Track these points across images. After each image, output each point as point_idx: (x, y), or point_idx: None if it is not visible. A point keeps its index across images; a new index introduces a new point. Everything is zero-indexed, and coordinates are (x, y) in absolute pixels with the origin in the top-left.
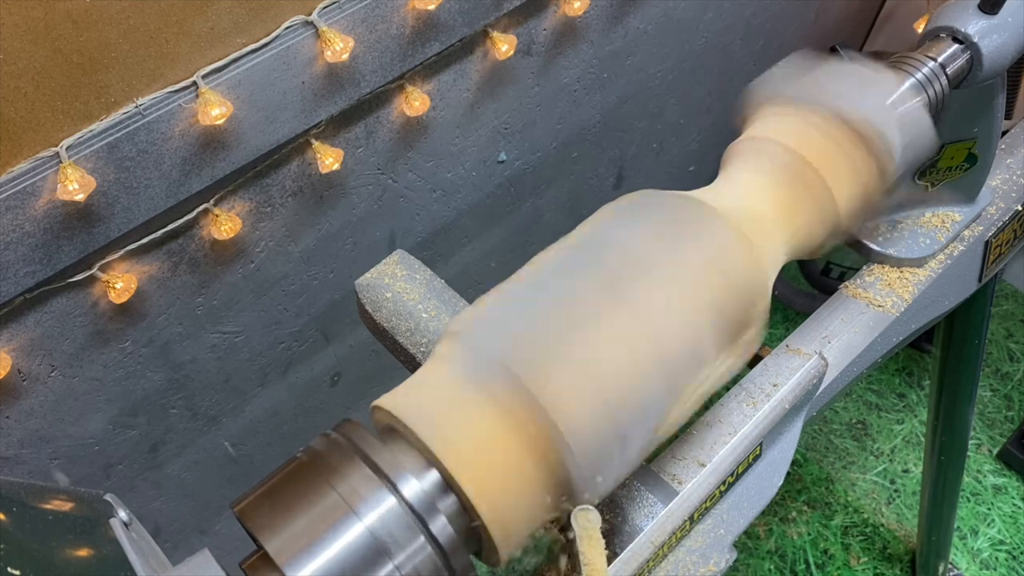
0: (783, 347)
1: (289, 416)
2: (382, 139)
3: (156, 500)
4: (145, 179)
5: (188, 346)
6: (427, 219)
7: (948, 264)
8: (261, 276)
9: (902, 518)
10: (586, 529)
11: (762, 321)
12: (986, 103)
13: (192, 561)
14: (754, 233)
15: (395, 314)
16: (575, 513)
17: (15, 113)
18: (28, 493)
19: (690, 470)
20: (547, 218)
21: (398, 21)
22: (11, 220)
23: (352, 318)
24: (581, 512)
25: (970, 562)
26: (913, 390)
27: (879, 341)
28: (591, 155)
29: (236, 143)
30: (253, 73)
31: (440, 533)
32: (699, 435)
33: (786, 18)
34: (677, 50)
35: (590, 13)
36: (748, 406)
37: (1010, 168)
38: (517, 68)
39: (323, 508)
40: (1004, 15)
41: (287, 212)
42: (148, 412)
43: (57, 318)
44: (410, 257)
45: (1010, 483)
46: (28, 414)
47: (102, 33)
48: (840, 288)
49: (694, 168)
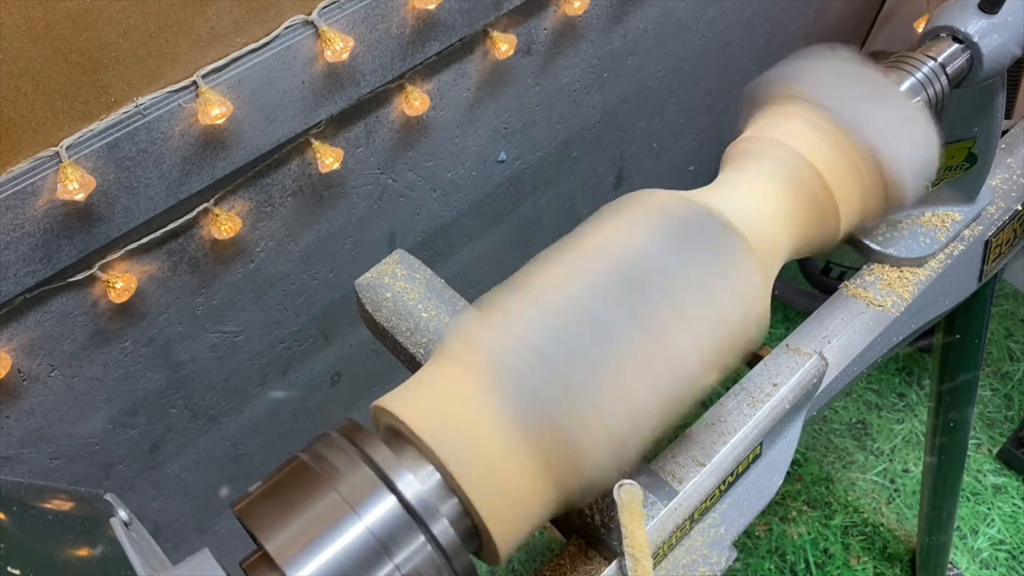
0: (783, 347)
1: (289, 416)
2: (382, 139)
3: (156, 500)
4: (145, 179)
5: (188, 346)
6: (427, 219)
7: (948, 264)
8: (261, 276)
9: (902, 518)
10: (628, 502)
11: (762, 326)
12: (986, 103)
13: (192, 561)
14: (755, 235)
15: (395, 314)
16: (618, 487)
17: (15, 113)
18: (28, 493)
19: (690, 470)
20: (547, 218)
21: (398, 21)
22: (11, 220)
23: (352, 318)
24: (624, 487)
25: (970, 562)
26: (913, 390)
27: (879, 341)
28: (591, 155)
29: (236, 143)
30: (253, 73)
31: (440, 533)
32: (699, 435)
33: (786, 18)
34: (677, 50)
35: (590, 13)
36: (748, 406)
37: (1010, 168)
38: (517, 68)
39: (323, 508)
40: (1004, 15)
41: (287, 212)
42: (148, 412)
43: (57, 318)
44: (410, 257)
45: (1010, 483)
46: (28, 414)
47: (102, 33)
48: (840, 288)
49: (694, 168)
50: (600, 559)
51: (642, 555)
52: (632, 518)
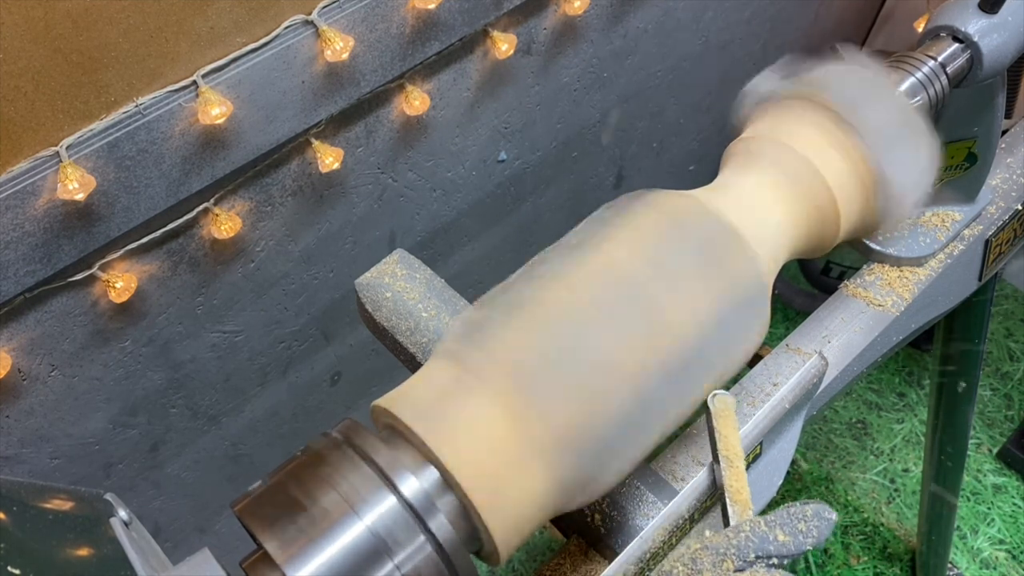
0: (783, 346)
1: (289, 416)
2: (382, 138)
3: (156, 499)
4: (145, 178)
5: (188, 345)
6: (427, 218)
7: (948, 263)
8: (261, 275)
9: (902, 517)
10: (722, 410)
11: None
12: (986, 102)
13: (192, 560)
14: (755, 235)
15: (395, 313)
16: (711, 398)
17: (15, 112)
18: (28, 492)
19: (690, 470)
20: (547, 218)
21: (398, 20)
22: (11, 219)
23: (352, 317)
24: (717, 396)
25: (970, 561)
26: (913, 389)
27: (879, 340)
28: (591, 154)
29: (236, 142)
30: (253, 72)
31: (440, 532)
32: (699, 434)
33: (786, 18)
34: (677, 50)
35: (590, 12)
36: (748, 405)
37: (1010, 167)
38: (517, 67)
39: (323, 507)
40: (1004, 14)
41: (287, 211)
42: (148, 411)
43: (57, 317)
44: (410, 256)
45: (1010, 483)
46: (28, 413)
47: (102, 32)
48: (840, 287)
49: (694, 167)
50: (600, 559)
51: (736, 457)
52: (726, 424)
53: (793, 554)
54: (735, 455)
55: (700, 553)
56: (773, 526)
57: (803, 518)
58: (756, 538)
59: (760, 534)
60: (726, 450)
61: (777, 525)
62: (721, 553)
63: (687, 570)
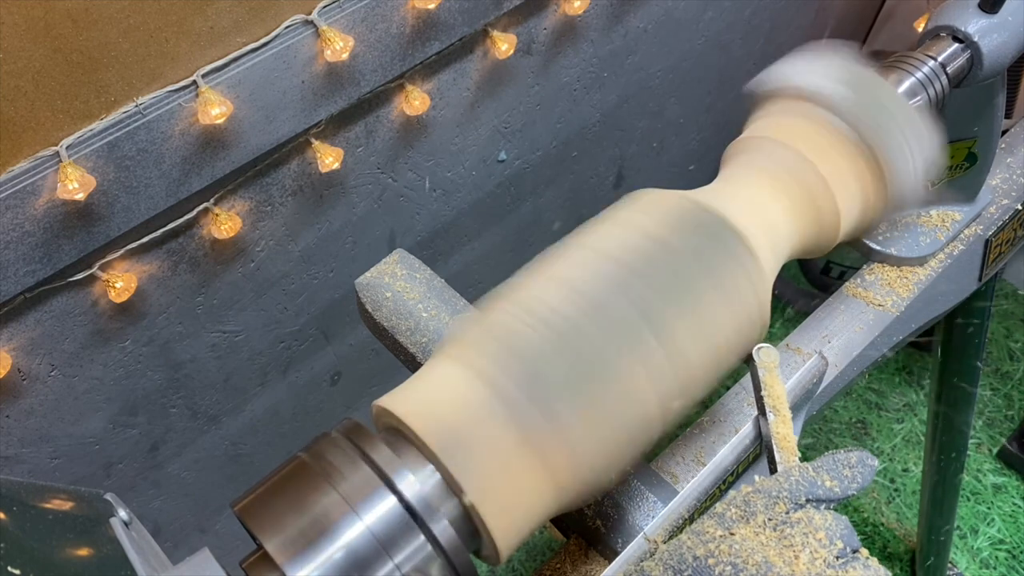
0: (783, 346)
1: (289, 415)
2: (382, 138)
3: (156, 499)
4: (145, 178)
5: (188, 345)
6: (427, 218)
7: (948, 263)
8: (261, 275)
9: (902, 518)
10: (767, 361)
11: (762, 326)
12: (986, 102)
13: (192, 560)
14: (755, 234)
15: (395, 313)
16: (756, 351)
17: (15, 112)
18: (28, 492)
19: (690, 469)
20: (547, 218)
21: (398, 20)
22: (11, 219)
23: (352, 317)
24: (762, 349)
25: (970, 561)
26: (913, 390)
27: (879, 340)
28: (591, 154)
29: (236, 142)
30: (253, 72)
31: (440, 533)
32: (699, 434)
33: (786, 18)
34: (677, 49)
35: (590, 12)
36: (748, 405)
37: (1010, 167)
38: (517, 67)
39: (323, 507)
40: (1004, 14)
41: (287, 211)
42: (148, 411)
43: (57, 317)
44: (410, 256)
45: (1010, 482)
46: (28, 413)
47: (102, 32)
48: (840, 288)
49: (694, 167)
50: (600, 559)
51: (781, 406)
52: (770, 374)
53: (840, 498)
54: (781, 404)
55: (752, 496)
56: (820, 471)
57: (848, 464)
58: (806, 483)
59: (809, 479)
60: (772, 399)
61: (824, 470)
62: (774, 496)
63: (740, 512)
